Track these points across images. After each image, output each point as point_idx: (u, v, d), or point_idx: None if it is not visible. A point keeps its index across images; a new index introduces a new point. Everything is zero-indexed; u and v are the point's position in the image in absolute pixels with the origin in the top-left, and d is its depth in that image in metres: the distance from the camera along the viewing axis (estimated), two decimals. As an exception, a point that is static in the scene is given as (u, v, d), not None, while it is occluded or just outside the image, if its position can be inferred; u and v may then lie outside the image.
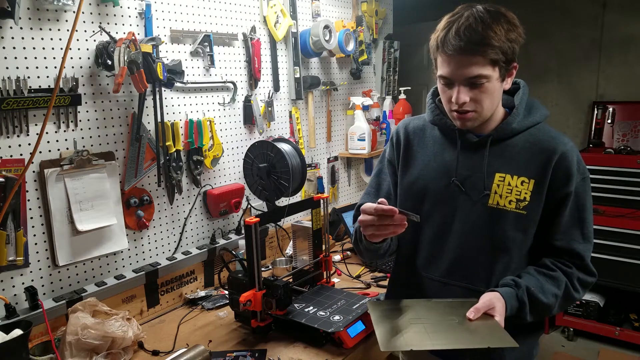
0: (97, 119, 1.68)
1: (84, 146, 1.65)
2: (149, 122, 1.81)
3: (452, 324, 1.22)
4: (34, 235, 1.55)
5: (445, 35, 1.16)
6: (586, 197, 1.28)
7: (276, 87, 2.38)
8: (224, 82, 2.11)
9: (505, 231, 1.28)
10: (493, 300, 1.21)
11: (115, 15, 1.69)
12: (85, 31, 1.61)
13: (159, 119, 1.79)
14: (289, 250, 2.27)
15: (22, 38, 1.47)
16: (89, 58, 1.63)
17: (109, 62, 1.61)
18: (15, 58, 1.46)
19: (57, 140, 1.58)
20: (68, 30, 1.55)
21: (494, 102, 1.23)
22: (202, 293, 1.95)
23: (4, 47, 1.43)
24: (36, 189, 1.54)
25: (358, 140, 2.77)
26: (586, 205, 1.28)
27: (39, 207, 1.56)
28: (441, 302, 1.33)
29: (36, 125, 1.51)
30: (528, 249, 1.31)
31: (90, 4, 1.62)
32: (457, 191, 1.32)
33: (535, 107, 1.32)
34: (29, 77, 1.49)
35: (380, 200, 1.18)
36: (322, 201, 1.85)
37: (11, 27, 1.44)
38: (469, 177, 1.31)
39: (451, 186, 1.32)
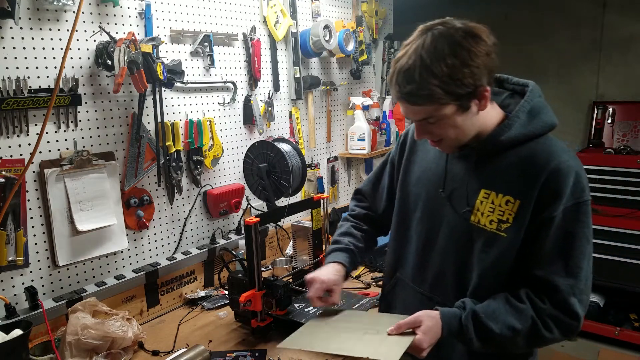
0: (97, 119, 1.68)
1: (84, 146, 1.65)
2: (149, 122, 1.81)
3: (368, 333, 1.22)
4: (34, 235, 1.55)
5: (389, 77, 1.11)
6: (577, 225, 1.10)
7: (276, 87, 2.38)
8: (224, 82, 2.11)
9: (481, 252, 1.17)
10: (421, 318, 1.15)
11: (115, 15, 1.69)
12: (85, 31, 1.61)
13: (159, 119, 1.79)
14: (289, 250, 2.27)
15: (22, 38, 1.47)
16: (89, 58, 1.63)
17: (109, 62, 1.61)
18: (15, 58, 1.46)
19: (57, 140, 1.58)
20: (68, 30, 1.55)
21: (464, 129, 1.12)
22: (202, 293, 1.95)
23: (4, 47, 1.43)
24: (36, 189, 1.54)
25: (358, 140, 2.77)
26: (576, 234, 1.10)
27: (39, 207, 1.56)
28: (384, 316, 1.40)
29: (36, 125, 1.51)
30: (506, 274, 1.17)
31: (90, 4, 1.62)
32: (444, 204, 1.25)
33: (540, 115, 1.15)
34: (29, 77, 1.49)
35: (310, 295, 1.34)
36: (322, 201, 1.85)
37: (11, 27, 1.44)
38: (456, 190, 1.23)
39: (438, 198, 1.26)
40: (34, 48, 1.50)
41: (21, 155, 1.49)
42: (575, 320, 1.11)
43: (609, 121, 3.43)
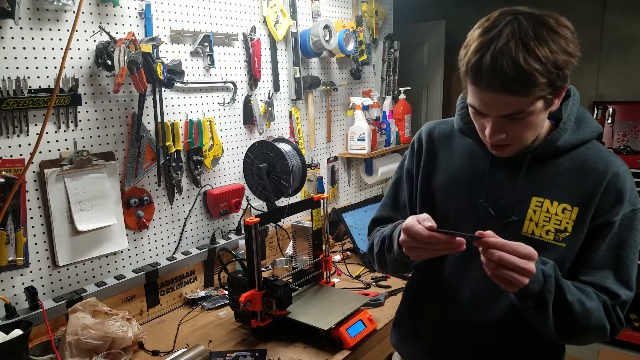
0: (97, 119, 1.68)
1: (84, 146, 1.65)
2: (149, 122, 1.81)
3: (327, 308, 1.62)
4: (34, 235, 1.55)
5: (477, 62, 0.92)
6: (631, 233, 1.05)
7: (276, 87, 2.38)
8: (224, 82, 2.11)
9: None
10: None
11: (115, 15, 1.69)
12: (85, 31, 1.61)
13: (159, 119, 1.79)
14: (289, 250, 2.27)
15: (22, 38, 1.47)
16: (89, 58, 1.63)
17: (109, 62, 1.61)
18: (15, 58, 1.46)
19: (57, 140, 1.58)
20: (68, 30, 1.55)
21: (537, 131, 1.03)
22: (202, 293, 1.95)
23: (4, 47, 1.43)
24: (36, 189, 1.54)
25: (358, 140, 2.77)
26: (629, 241, 1.05)
27: (39, 207, 1.56)
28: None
29: (36, 125, 1.51)
30: None
31: (90, 4, 1.62)
32: (485, 214, 1.10)
33: (586, 120, 1.10)
34: (29, 77, 1.49)
35: (430, 225, 0.98)
36: (322, 201, 1.85)
37: (11, 27, 1.44)
38: (500, 199, 1.10)
39: (479, 208, 1.12)
40: (34, 48, 1.50)
41: (21, 155, 1.49)
42: (621, 327, 1.07)
43: (609, 121, 3.44)
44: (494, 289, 1.00)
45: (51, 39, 1.53)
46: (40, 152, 1.53)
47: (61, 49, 1.53)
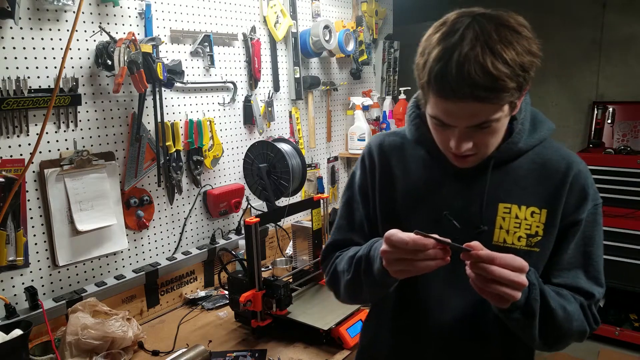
0: (97, 119, 1.68)
1: (84, 146, 1.65)
2: (149, 122, 1.81)
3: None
4: (34, 235, 1.55)
5: (441, 70, 0.84)
6: (595, 229, 1.03)
7: (276, 87, 2.38)
8: (224, 82, 2.11)
9: None
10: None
11: (115, 15, 1.69)
12: (85, 31, 1.61)
13: (159, 119, 1.79)
14: (289, 250, 2.27)
15: (22, 38, 1.47)
16: (89, 58, 1.63)
17: (109, 62, 1.61)
18: (15, 58, 1.46)
19: (57, 140, 1.58)
20: (68, 30, 1.55)
21: (501, 136, 0.98)
22: (202, 293, 1.95)
23: (4, 47, 1.43)
24: (36, 189, 1.54)
25: (358, 140, 2.77)
26: (594, 238, 1.03)
27: (39, 207, 1.56)
28: None
29: (36, 125, 1.51)
30: None
31: (90, 4, 1.62)
32: (450, 226, 1.02)
33: (540, 119, 1.07)
34: (29, 77, 1.49)
35: (416, 231, 0.88)
36: (322, 201, 1.85)
37: (11, 27, 1.44)
38: (466, 210, 1.03)
39: (442, 221, 1.03)
40: (34, 48, 1.50)
41: (21, 155, 1.49)
42: (597, 326, 1.04)
43: (609, 121, 3.44)
44: (481, 305, 0.95)
45: (51, 39, 1.53)
46: (40, 152, 1.53)
47: (61, 49, 1.53)
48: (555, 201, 1.01)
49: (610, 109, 3.43)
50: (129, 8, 1.73)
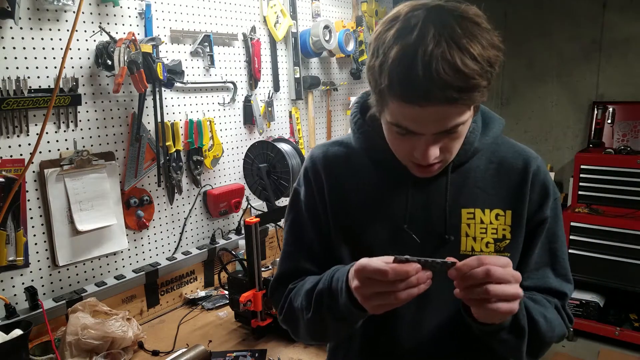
0: (97, 119, 1.68)
1: (84, 146, 1.65)
2: (149, 122, 1.81)
3: None
4: (34, 235, 1.55)
5: (405, 72, 0.74)
6: (557, 224, 0.98)
7: (276, 87, 2.38)
8: (224, 82, 2.11)
9: None
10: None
11: (115, 15, 1.69)
12: (85, 31, 1.61)
13: (159, 119, 1.79)
14: (289, 250, 2.27)
15: (22, 38, 1.47)
16: (89, 58, 1.63)
17: (109, 62, 1.61)
18: (15, 58, 1.46)
19: (57, 140, 1.58)
20: (68, 30, 1.55)
21: (463, 139, 0.90)
22: (202, 293, 1.95)
23: (4, 47, 1.43)
24: (36, 189, 1.54)
25: (358, 140, 2.77)
26: (557, 234, 0.99)
27: (39, 207, 1.56)
28: None
29: (36, 125, 1.51)
30: None
31: (90, 4, 1.62)
32: (410, 243, 0.93)
33: (490, 116, 1.00)
34: (29, 77, 1.49)
35: (395, 257, 0.76)
36: (322, 201, 1.85)
37: (11, 27, 1.44)
38: (428, 220, 0.94)
39: (402, 236, 0.94)
40: (34, 48, 1.50)
41: (21, 155, 1.49)
42: (572, 324, 1.01)
43: (609, 121, 3.44)
44: (461, 316, 0.87)
45: (51, 39, 1.53)
46: (40, 152, 1.53)
47: (61, 49, 1.53)
48: (518, 201, 0.95)
49: (610, 109, 3.43)
50: (129, 8, 1.73)
